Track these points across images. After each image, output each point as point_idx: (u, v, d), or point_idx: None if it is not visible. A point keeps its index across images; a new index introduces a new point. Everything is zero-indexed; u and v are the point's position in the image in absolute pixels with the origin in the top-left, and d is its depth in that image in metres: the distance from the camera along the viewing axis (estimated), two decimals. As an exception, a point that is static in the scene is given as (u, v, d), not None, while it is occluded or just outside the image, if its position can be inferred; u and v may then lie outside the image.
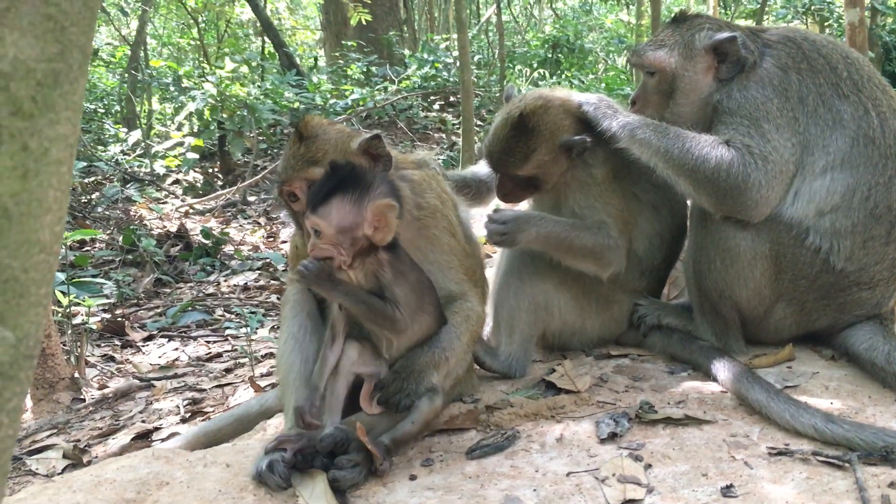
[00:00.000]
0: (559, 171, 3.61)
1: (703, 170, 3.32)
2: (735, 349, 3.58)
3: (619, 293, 3.80)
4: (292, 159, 3.04)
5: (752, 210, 3.34)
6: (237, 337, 6.80)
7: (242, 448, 3.07)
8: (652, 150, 3.43)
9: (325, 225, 2.73)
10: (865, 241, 3.32)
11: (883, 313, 3.48)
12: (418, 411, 2.87)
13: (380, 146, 3.08)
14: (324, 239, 2.75)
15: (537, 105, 3.60)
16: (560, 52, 19.20)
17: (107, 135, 14.73)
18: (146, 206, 10.69)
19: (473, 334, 3.15)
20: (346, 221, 2.74)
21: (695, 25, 3.63)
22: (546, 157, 3.56)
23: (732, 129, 3.39)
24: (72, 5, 1.15)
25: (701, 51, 3.55)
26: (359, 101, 14.45)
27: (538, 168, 3.58)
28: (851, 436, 2.71)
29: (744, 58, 3.48)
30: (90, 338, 6.52)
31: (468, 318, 3.10)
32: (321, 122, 3.18)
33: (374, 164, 3.09)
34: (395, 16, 19.42)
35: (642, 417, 3.03)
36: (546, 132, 3.57)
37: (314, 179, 2.98)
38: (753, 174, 3.28)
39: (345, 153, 3.04)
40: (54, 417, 5.01)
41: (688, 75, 3.57)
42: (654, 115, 3.61)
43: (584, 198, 3.59)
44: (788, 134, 3.35)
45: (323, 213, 2.73)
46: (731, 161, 3.30)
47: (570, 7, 27.51)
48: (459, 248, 3.18)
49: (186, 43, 20.69)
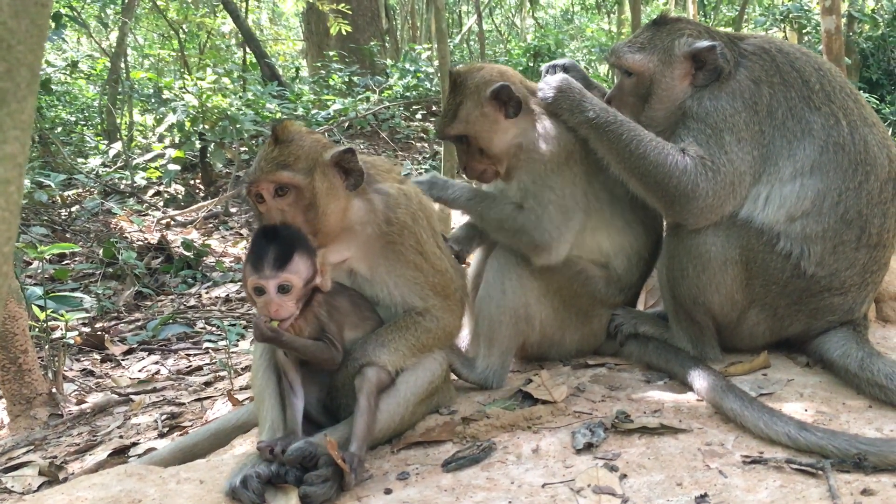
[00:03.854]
0: (500, 132, 3.58)
1: (655, 175, 3.39)
2: (711, 356, 3.60)
3: (599, 307, 3.80)
4: (263, 161, 3.03)
5: (699, 217, 3.41)
6: (217, 350, 6.76)
7: (217, 464, 3.04)
8: (609, 147, 3.48)
9: (296, 279, 2.84)
10: (836, 246, 3.35)
11: (856, 319, 3.50)
12: (364, 384, 2.96)
13: (352, 160, 3.09)
14: (291, 294, 2.84)
15: (473, 66, 3.67)
16: (542, 61, 19.26)
17: (87, 147, 14.63)
18: (127, 219, 10.62)
19: (425, 345, 3.19)
20: (309, 274, 2.89)
21: (675, 30, 3.64)
22: (474, 111, 3.57)
23: (693, 135, 3.44)
24: (19, 24, 1.13)
25: (680, 57, 3.57)
26: (341, 111, 14.45)
27: (469, 125, 3.57)
28: (824, 443, 2.71)
29: (721, 66, 3.51)
30: (69, 352, 6.47)
31: (417, 323, 3.17)
32: (299, 129, 3.17)
33: (345, 177, 3.09)
34: (377, 26, 19.46)
35: (618, 427, 3.03)
36: (472, 86, 3.59)
37: (282, 183, 2.99)
38: (702, 184, 3.35)
39: (316, 162, 3.04)
40: (31, 434, 4.96)
41: (665, 80, 3.59)
42: (629, 116, 3.62)
43: (527, 175, 3.56)
44: (750, 147, 3.39)
45: (292, 269, 2.83)
46: (683, 169, 3.36)
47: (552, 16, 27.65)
48: (427, 266, 3.20)
49: (167, 54, 20.62)
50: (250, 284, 2.85)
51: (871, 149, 3.38)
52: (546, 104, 3.61)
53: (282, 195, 3.01)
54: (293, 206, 3.01)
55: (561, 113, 3.57)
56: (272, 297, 2.82)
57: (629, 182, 3.52)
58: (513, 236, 3.53)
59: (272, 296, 2.82)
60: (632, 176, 3.48)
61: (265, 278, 2.80)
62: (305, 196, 3.00)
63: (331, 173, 3.07)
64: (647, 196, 3.52)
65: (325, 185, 3.03)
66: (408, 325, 3.15)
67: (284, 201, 3.02)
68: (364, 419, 2.89)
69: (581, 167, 3.58)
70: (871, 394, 3.15)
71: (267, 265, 2.80)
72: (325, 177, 3.04)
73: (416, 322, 3.16)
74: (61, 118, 15.27)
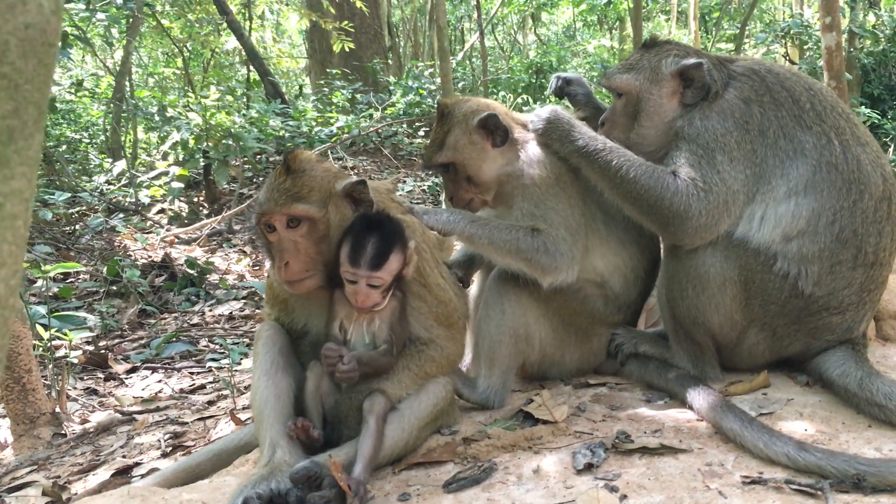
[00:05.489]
0: (488, 161, 3.64)
1: (647, 198, 3.45)
2: (711, 376, 3.61)
3: (599, 326, 3.82)
4: (276, 192, 3.05)
5: (694, 236, 3.44)
6: (221, 368, 6.77)
7: (219, 485, 3.05)
8: (601, 174, 3.53)
9: (387, 276, 3.03)
10: (832, 265, 3.37)
11: (855, 338, 3.51)
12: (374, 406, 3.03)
13: (363, 192, 3.14)
14: (381, 287, 3.03)
15: (460, 99, 3.74)
16: (544, 78, 19.36)
17: (91, 165, 14.71)
18: (130, 237, 10.66)
19: (429, 374, 3.22)
20: (398, 268, 3.07)
21: (663, 51, 3.74)
22: (462, 139, 3.62)
23: (685, 156, 3.49)
24: (26, 63, 1.16)
25: (667, 75, 3.65)
26: (344, 128, 14.52)
27: (457, 152, 3.62)
28: (823, 463, 2.71)
29: (709, 84, 3.57)
30: (73, 371, 6.48)
31: (422, 352, 3.21)
32: (310, 158, 3.21)
33: (355, 207, 3.13)
34: (380, 43, 19.59)
35: (619, 447, 3.03)
36: (460, 115, 3.65)
37: (296, 215, 3.02)
38: (695, 204, 3.39)
39: (328, 193, 3.08)
40: (35, 453, 4.97)
41: (653, 98, 3.66)
42: (620, 136, 3.72)
43: (526, 201, 3.58)
44: (742, 166, 3.43)
45: (387, 269, 3.02)
46: (674, 191, 3.41)
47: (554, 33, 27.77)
48: (431, 297, 3.24)
49: (172, 72, 20.75)
50: (343, 272, 3.00)
51: (865, 168, 3.40)
52: (537, 135, 3.67)
53: (294, 227, 3.05)
54: (306, 238, 3.04)
55: (551, 143, 3.64)
56: (362, 288, 2.99)
57: (623, 207, 3.57)
58: (525, 259, 3.48)
59: (362, 287, 2.99)
60: (625, 201, 3.53)
61: (360, 276, 2.98)
62: (319, 228, 3.04)
63: (342, 204, 3.11)
64: (641, 219, 3.57)
65: (338, 217, 3.08)
66: (412, 355, 3.17)
67: (297, 233, 3.05)
68: (371, 442, 2.93)
69: (574, 188, 3.62)
70: (870, 413, 3.15)
71: (364, 262, 2.97)
72: (337, 208, 3.09)
73: (420, 351, 3.19)
74: (66, 136, 15.37)
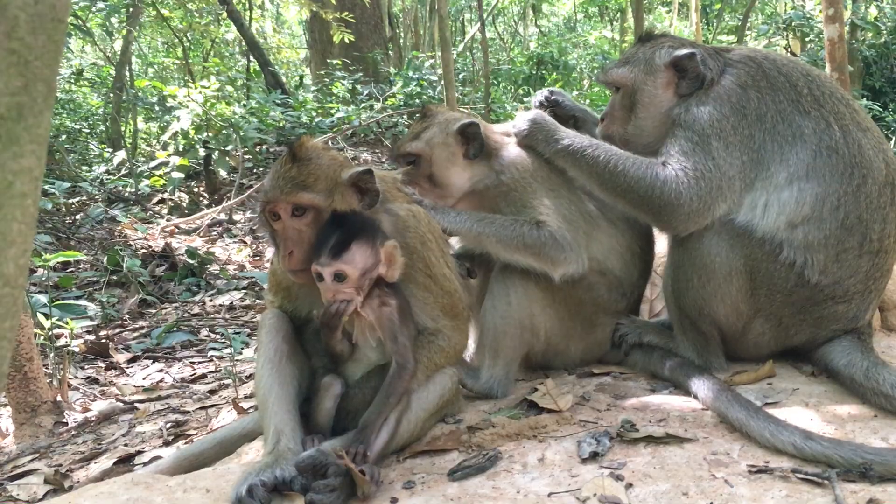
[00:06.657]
0: (455, 166, 3.67)
1: (637, 190, 3.47)
2: (716, 366, 3.60)
3: (603, 316, 3.81)
4: (282, 180, 3.04)
5: (687, 223, 3.45)
6: (222, 358, 6.76)
7: (223, 472, 3.04)
8: (589, 171, 3.56)
9: (350, 269, 2.95)
10: (838, 253, 3.35)
11: (860, 327, 3.50)
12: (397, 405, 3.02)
13: (370, 181, 3.12)
14: (347, 283, 2.96)
15: (449, 109, 3.82)
16: (544, 69, 19.33)
17: (91, 155, 14.68)
18: (131, 227, 10.64)
19: (438, 365, 3.20)
20: (367, 264, 2.98)
21: (658, 43, 3.78)
22: (437, 137, 3.66)
23: (679, 144, 3.49)
24: (36, 39, 1.14)
25: (661, 66, 3.67)
26: (344, 119, 14.49)
27: (428, 147, 3.65)
28: (830, 453, 2.71)
29: (703, 74, 3.58)
30: (74, 360, 6.48)
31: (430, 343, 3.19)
32: (316, 147, 3.19)
33: (361, 197, 3.12)
34: (381, 34, 19.51)
35: (623, 436, 3.03)
36: (443, 118, 3.71)
37: (302, 204, 3.00)
38: (685, 191, 3.39)
39: (334, 182, 3.06)
40: (36, 442, 4.97)
41: (648, 89, 3.69)
42: (619, 129, 3.76)
43: (511, 206, 3.61)
44: (739, 152, 3.43)
45: (347, 258, 2.94)
46: (664, 180, 3.42)
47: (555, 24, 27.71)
48: (437, 287, 3.21)
49: (172, 62, 20.69)
50: (313, 269, 2.99)
51: (867, 152, 3.39)
52: (521, 137, 3.70)
53: (299, 215, 3.04)
54: (310, 227, 3.03)
55: (536, 144, 3.66)
56: (328, 284, 2.97)
57: (614, 202, 3.59)
58: (535, 254, 3.49)
59: (328, 283, 2.97)
60: (615, 195, 3.55)
61: (320, 265, 2.95)
62: (323, 217, 3.02)
63: (348, 194, 3.09)
64: (634, 212, 3.59)
65: (343, 206, 3.06)
66: (422, 346, 3.15)
67: (302, 221, 3.04)
68: (386, 438, 2.94)
69: (554, 180, 3.65)
70: (876, 403, 3.15)
71: (324, 253, 2.94)
72: (343, 198, 3.07)
73: (429, 342, 3.18)
74: (66, 126, 15.32)
